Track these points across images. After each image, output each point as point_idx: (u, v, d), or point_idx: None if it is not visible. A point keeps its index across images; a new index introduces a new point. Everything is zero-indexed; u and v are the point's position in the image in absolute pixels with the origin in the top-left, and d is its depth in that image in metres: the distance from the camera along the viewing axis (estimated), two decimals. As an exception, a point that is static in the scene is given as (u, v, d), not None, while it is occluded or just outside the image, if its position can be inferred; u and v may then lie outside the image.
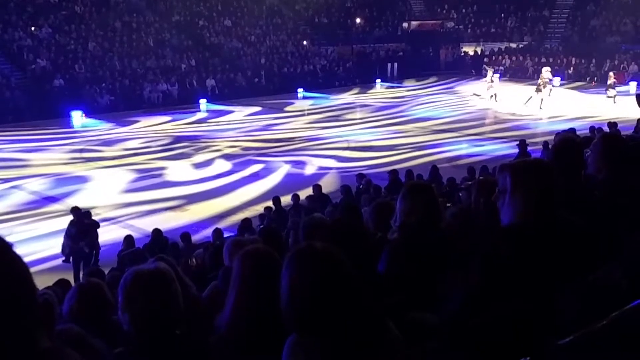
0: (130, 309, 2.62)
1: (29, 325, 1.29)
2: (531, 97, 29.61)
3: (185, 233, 11.91)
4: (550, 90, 30.53)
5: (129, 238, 12.14)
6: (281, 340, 2.22)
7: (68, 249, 12.50)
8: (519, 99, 30.71)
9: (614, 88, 31.08)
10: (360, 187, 13.91)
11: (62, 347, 1.31)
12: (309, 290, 2.19)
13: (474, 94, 33.85)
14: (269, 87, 36.35)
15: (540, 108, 28.83)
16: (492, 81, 32.06)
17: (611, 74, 32.70)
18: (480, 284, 2.43)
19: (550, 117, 27.37)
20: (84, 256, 12.42)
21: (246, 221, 12.07)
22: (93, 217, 13.21)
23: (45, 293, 4.12)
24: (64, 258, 12.54)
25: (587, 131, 15.95)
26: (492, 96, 31.74)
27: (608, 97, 30.71)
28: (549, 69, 31.62)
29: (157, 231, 12.08)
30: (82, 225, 12.62)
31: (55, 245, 13.30)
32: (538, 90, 29.45)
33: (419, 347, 2.30)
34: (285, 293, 2.23)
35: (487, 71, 33.42)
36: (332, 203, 12.45)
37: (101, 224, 14.91)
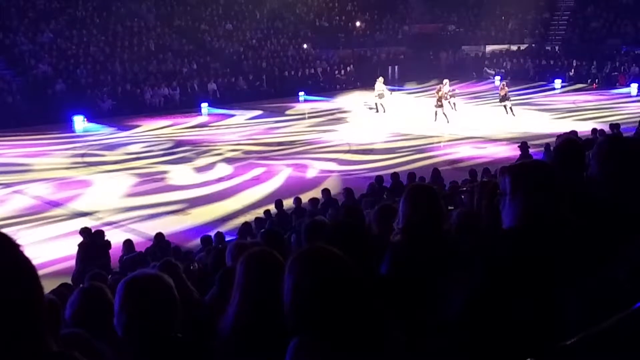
0: (123, 312, 2.63)
1: (38, 327, 1.29)
2: (436, 113, 27.03)
3: (206, 236, 11.86)
4: (454, 104, 28.75)
5: (128, 242, 12.15)
6: (284, 343, 2.22)
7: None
8: (423, 115, 27.87)
9: (508, 99, 28.62)
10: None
11: (71, 351, 1.31)
12: (312, 293, 2.19)
13: (366, 104, 31.16)
14: (270, 90, 36.38)
15: (447, 122, 26.47)
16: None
17: (503, 83, 30.42)
18: (482, 286, 2.43)
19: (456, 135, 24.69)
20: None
21: (246, 225, 12.08)
22: (90, 227, 12.66)
23: (50, 296, 4.12)
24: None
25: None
26: (377, 105, 29.59)
27: (504, 106, 28.45)
28: (447, 81, 29.55)
29: (159, 235, 12.09)
30: (96, 248, 11.76)
31: (57, 250, 13.33)
32: (438, 105, 27.06)
33: (421, 349, 2.30)
34: (289, 296, 2.23)
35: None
36: (334, 206, 12.46)
37: (103, 229, 14.95)
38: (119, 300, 2.65)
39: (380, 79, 30.29)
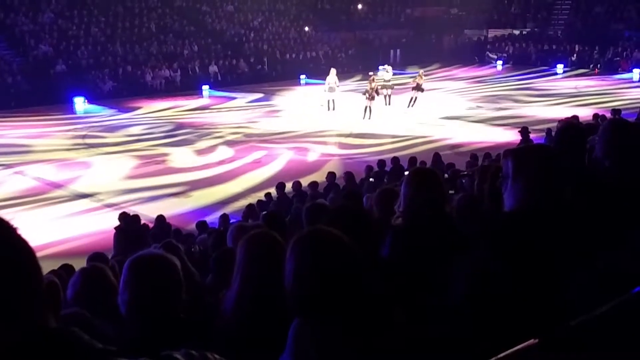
0: (127, 290, 2.64)
1: (36, 305, 1.29)
2: (367, 107, 24.15)
3: (201, 221, 11.84)
4: (389, 96, 25.96)
5: (128, 224, 12.14)
6: (286, 324, 2.22)
7: None
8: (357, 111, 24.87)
9: (421, 90, 26.12)
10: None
11: (72, 328, 1.31)
12: (314, 274, 2.19)
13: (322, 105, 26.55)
14: (271, 73, 36.28)
15: (369, 118, 23.95)
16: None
17: (421, 71, 27.21)
18: (485, 269, 2.43)
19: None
20: None
21: (250, 207, 12.08)
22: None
23: (50, 277, 4.12)
24: None
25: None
26: (328, 102, 25.96)
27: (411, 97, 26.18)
28: (386, 68, 27.04)
29: (160, 217, 12.09)
30: (133, 234, 11.16)
31: (57, 231, 13.33)
32: (371, 97, 24.10)
33: (423, 331, 2.30)
34: (290, 277, 2.23)
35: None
36: (335, 190, 12.47)
37: (104, 210, 14.96)
38: (123, 278, 2.66)
39: (333, 71, 26.65)
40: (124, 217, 11.89)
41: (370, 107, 24.19)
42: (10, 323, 1.24)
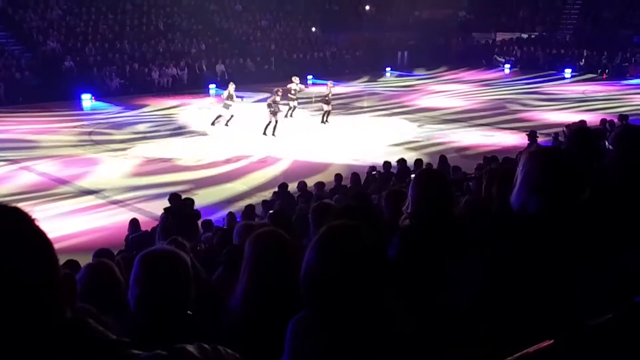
0: (137, 285, 2.64)
1: (54, 297, 1.30)
2: (269, 123, 21.76)
3: (206, 220, 11.82)
4: (292, 109, 24.21)
5: (134, 222, 12.14)
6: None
7: None
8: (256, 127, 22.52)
9: (328, 103, 23.87)
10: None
11: (87, 319, 1.32)
12: (337, 267, 2.16)
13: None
14: (279, 73, 36.27)
15: (273, 135, 21.70)
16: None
17: (330, 83, 24.91)
18: (492, 270, 2.42)
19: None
20: None
21: (250, 207, 12.06)
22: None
23: (66, 270, 4.13)
24: None
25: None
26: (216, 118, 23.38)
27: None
28: (297, 80, 24.62)
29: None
30: (183, 218, 10.38)
31: (63, 227, 13.35)
32: (273, 112, 21.76)
33: (431, 332, 2.30)
34: (312, 263, 2.19)
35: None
36: (341, 191, 12.46)
37: (109, 207, 14.97)
38: (134, 274, 2.66)
39: (231, 85, 23.67)
40: (174, 198, 11.24)
41: (273, 123, 21.82)
42: (29, 312, 1.25)
